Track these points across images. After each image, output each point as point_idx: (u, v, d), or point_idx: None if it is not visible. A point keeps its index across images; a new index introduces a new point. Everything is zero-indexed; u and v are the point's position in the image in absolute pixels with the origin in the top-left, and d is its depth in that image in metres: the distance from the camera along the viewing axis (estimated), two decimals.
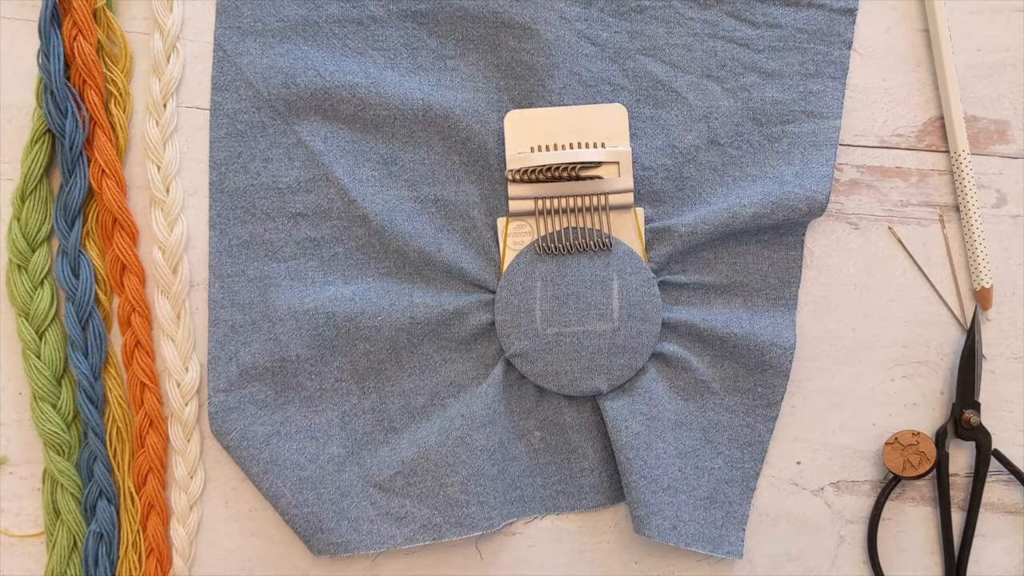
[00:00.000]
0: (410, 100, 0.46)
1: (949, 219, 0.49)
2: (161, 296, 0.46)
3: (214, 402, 0.45)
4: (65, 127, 0.45)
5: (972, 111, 0.49)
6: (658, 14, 0.48)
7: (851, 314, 0.48)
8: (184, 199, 0.47)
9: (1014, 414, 0.48)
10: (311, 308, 0.45)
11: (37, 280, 0.45)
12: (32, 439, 0.46)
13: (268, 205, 0.46)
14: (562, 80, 0.46)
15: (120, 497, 0.45)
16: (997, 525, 0.48)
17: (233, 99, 0.47)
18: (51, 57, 0.45)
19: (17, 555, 0.45)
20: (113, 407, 0.46)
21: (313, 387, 0.46)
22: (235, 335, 0.46)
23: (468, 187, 0.47)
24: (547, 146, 0.46)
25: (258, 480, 0.45)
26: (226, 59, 0.47)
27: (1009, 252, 0.49)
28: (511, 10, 0.46)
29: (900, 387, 0.48)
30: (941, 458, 0.47)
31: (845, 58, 0.48)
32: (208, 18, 0.47)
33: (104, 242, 0.46)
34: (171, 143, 0.47)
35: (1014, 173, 0.49)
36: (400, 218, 0.46)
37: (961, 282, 0.48)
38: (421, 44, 0.47)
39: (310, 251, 0.46)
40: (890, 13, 0.49)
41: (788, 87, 0.47)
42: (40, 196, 0.46)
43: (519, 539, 0.47)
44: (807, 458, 0.48)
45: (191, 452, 0.46)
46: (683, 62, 0.48)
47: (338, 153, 0.47)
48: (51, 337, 0.45)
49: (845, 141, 0.49)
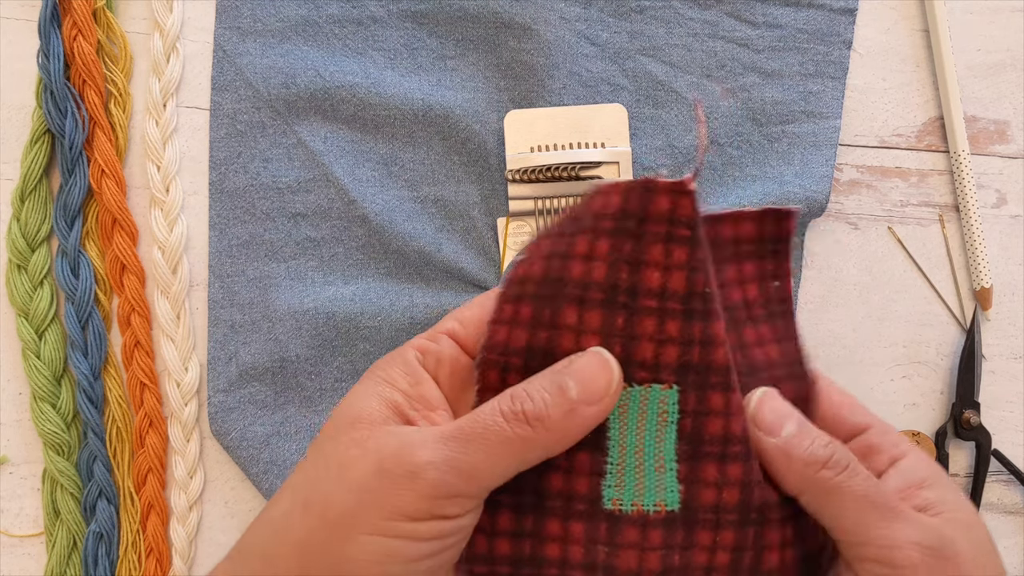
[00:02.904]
0: (410, 100, 0.46)
1: (949, 219, 0.49)
2: (161, 296, 0.46)
3: (214, 402, 0.45)
4: (65, 127, 0.45)
5: (972, 111, 0.49)
6: (658, 14, 0.48)
7: (851, 314, 0.48)
8: (184, 199, 0.47)
9: (1014, 414, 0.48)
10: (311, 308, 0.45)
11: (37, 280, 0.45)
12: (32, 439, 0.46)
13: (268, 205, 0.46)
14: (562, 80, 0.46)
15: (120, 497, 0.45)
16: (997, 525, 0.48)
17: (233, 99, 0.47)
18: (51, 57, 0.45)
19: (17, 555, 0.45)
20: (113, 407, 0.46)
21: (313, 387, 0.46)
22: (235, 335, 0.46)
23: (468, 187, 0.47)
24: (547, 146, 0.46)
25: (258, 480, 0.45)
26: (226, 59, 0.47)
27: (1009, 252, 0.49)
28: (511, 10, 0.46)
29: (900, 387, 0.48)
30: (941, 458, 0.47)
31: (845, 58, 0.48)
32: (208, 18, 0.47)
33: (104, 242, 0.46)
34: (171, 143, 0.47)
35: (1014, 173, 0.49)
36: (400, 218, 0.46)
37: (961, 282, 0.48)
38: (421, 44, 0.47)
39: (310, 251, 0.46)
40: (890, 13, 0.49)
41: (788, 87, 0.47)
42: (40, 196, 0.46)
43: None
44: None
45: (191, 452, 0.46)
46: (683, 62, 0.48)
47: (338, 153, 0.47)
48: (51, 337, 0.45)
49: (845, 141, 0.49)
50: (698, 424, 0.30)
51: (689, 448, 0.30)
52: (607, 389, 0.28)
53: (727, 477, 0.30)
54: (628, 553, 0.30)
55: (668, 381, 0.29)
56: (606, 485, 0.30)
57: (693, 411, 0.30)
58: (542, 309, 0.30)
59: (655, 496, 0.30)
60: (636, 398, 0.30)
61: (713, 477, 0.30)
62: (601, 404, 0.28)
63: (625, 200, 0.29)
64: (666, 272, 0.29)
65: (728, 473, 0.30)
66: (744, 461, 0.30)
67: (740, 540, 0.30)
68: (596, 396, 0.28)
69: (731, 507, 0.30)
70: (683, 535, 0.30)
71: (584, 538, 0.30)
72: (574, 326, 0.29)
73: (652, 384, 0.29)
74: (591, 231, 0.30)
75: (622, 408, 0.30)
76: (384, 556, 0.27)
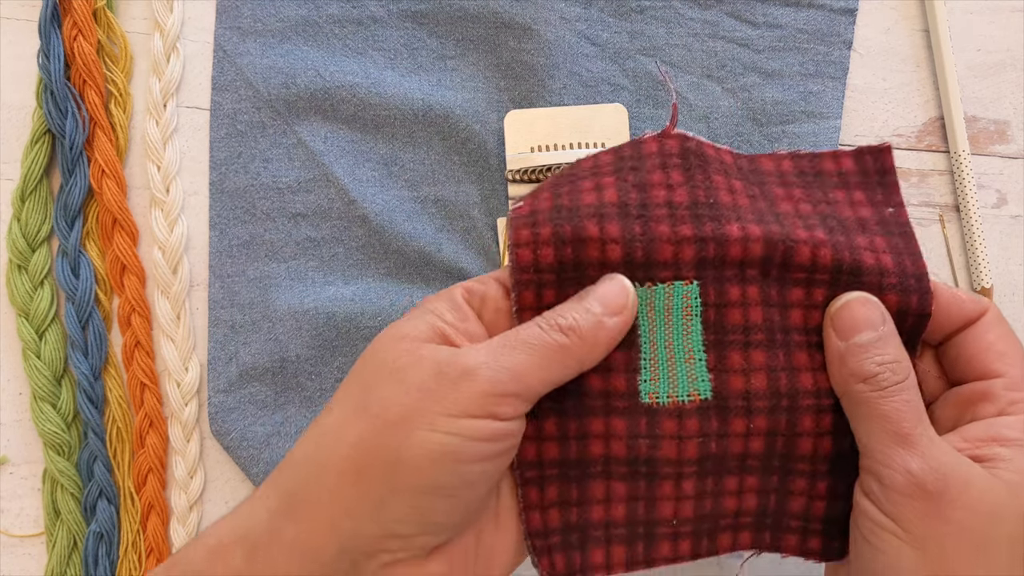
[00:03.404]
0: (410, 100, 0.46)
1: (949, 219, 0.49)
2: (161, 296, 0.46)
3: (214, 402, 0.45)
4: (65, 127, 0.45)
5: (972, 111, 0.49)
6: (658, 14, 0.48)
7: None
8: (184, 199, 0.47)
9: None
10: (311, 308, 0.45)
11: (37, 280, 0.45)
12: (32, 439, 0.46)
13: (268, 205, 0.46)
14: (562, 80, 0.46)
15: (120, 497, 0.45)
16: None
17: (233, 99, 0.47)
18: (51, 57, 0.45)
19: (17, 555, 0.46)
20: (113, 407, 0.46)
21: (313, 387, 0.46)
22: (235, 335, 0.46)
23: (468, 187, 0.47)
24: (547, 146, 0.46)
25: (258, 480, 0.45)
26: (226, 59, 0.47)
27: (1009, 252, 0.49)
28: (511, 10, 0.46)
29: None
30: None
31: (845, 58, 0.48)
32: (208, 18, 0.47)
33: (104, 242, 0.46)
34: (171, 143, 0.47)
35: (1014, 173, 0.49)
36: (400, 218, 0.46)
37: (961, 282, 0.48)
38: (421, 44, 0.47)
39: (310, 251, 0.46)
40: (890, 13, 0.49)
41: (788, 87, 0.47)
42: (40, 196, 0.46)
43: None
44: None
45: (191, 452, 0.46)
46: (683, 62, 0.48)
47: (338, 153, 0.47)
48: (51, 337, 0.45)
49: (845, 141, 0.49)
50: (720, 315, 0.32)
51: (715, 338, 0.33)
52: (625, 302, 0.32)
53: (752, 363, 0.32)
54: (668, 444, 0.32)
55: (688, 277, 0.32)
56: (642, 380, 0.33)
57: (714, 303, 0.32)
58: (562, 226, 0.32)
59: (688, 386, 0.33)
60: (661, 295, 0.32)
61: (739, 364, 0.32)
62: (622, 315, 0.31)
63: (617, 152, 0.34)
64: (669, 189, 0.33)
65: (752, 360, 0.32)
66: (767, 349, 0.32)
67: (772, 425, 0.33)
68: (616, 308, 0.31)
69: (760, 393, 0.32)
70: (717, 423, 0.32)
71: (626, 433, 0.32)
72: (597, 237, 0.32)
73: (674, 281, 0.32)
74: (592, 175, 0.34)
75: (649, 306, 0.33)
76: (440, 453, 0.29)
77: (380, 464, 0.29)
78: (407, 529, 0.30)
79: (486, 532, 0.33)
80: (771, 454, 0.33)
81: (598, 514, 0.33)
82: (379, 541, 0.30)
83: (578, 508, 0.33)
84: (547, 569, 0.33)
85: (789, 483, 0.34)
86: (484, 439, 0.30)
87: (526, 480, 0.33)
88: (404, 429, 0.29)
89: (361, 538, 0.30)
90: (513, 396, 0.30)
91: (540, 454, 0.33)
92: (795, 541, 0.35)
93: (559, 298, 0.33)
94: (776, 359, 0.33)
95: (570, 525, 0.33)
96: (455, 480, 0.30)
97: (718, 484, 0.33)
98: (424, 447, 0.29)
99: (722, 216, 0.32)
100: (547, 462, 0.33)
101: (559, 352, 0.31)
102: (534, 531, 0.33)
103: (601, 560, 0.33)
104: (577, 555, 0.33)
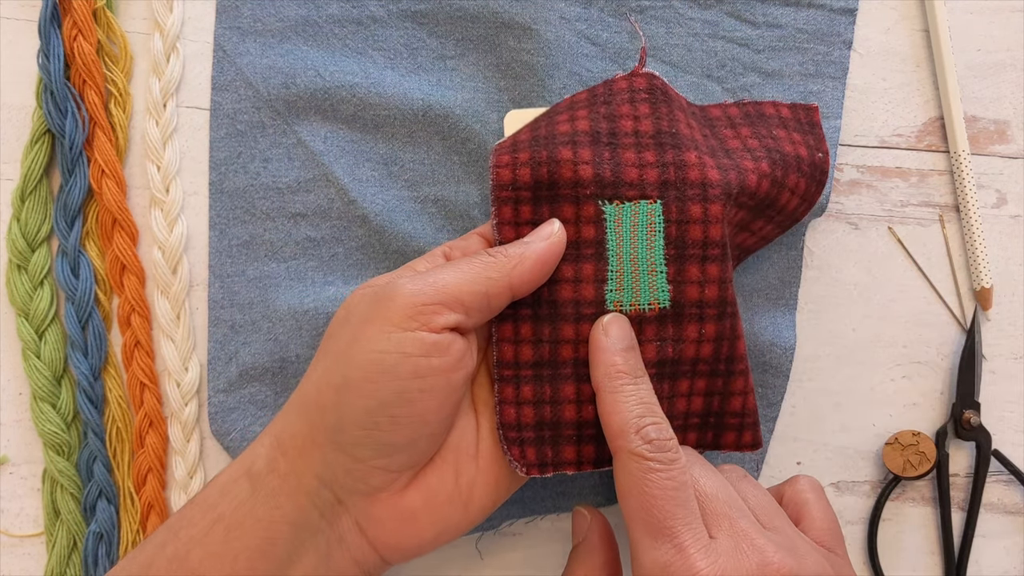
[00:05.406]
0: (410, 100, 0.46)
1: (949, 219, 0.49)
2: (161, 296, 0.46)
3: (214, 402, 0.45)
4: (65, 127, 0.45)
5: (972, 111, 0.49)
6: (658, 14, 0.48)
7: (851, 314, 0.48)
8: (184, 199, 0.47)
9: (1014, 414, 0.48)
10: (311, 308, 0.45)
11: (37, 280, 0.45)
12: (32, 439, 0.46)
13: (268, 205, 0.46)
14: (562, 80, 0.46)
15: (120, 497, 0.46)
16: (997, 525, 0.48)
17: (233, 99, 0.47)
18: (51, 57, 0.45)
19: (17, 555, 0.46)
20: (113, 407, 0.46)
21: None
22: (235, 335, 0.46)
23: (468, 187, 0.47)
24: None
25: None
26: (226, 59, 0.47)
27: (1009, 252, 0.49)
28: (511, 10, 0.46)
29: (900, 387, 0.48)
30: (941, 458, 0.47)
31: (845, 58, 0.48)
32: (208, 18, 0.47)
33: (104, 242, 0.46)
34: (171, 143, 0.47)
35: (1014, 173, 0.49)
36: (400, 218, 0.46)
37: (961, 282, 0.48)
38: (421, 44, 0.47)
39: (310, 251, 0.46)
40: (890, 13, 0.49)
41: (788, 87, 0.47)
42: (40, 196, 0.46)
43: (519, 539, 0.47)
44: (807, 458, 0.48)
45: (191, 452, 0.46)
46: (683, 62, 0.48)
47: (338, 153, 0.47)
48: (51, 337, 0.45)
49: (845, 141, 0.49)
50: (681, 231, 0.36)
51: (675, 252, 0.37)
52: (551, 230, 0.36)
53: (707, 275, 0.37)
54: None
55: (652, 196, 0.36)
56: (608, 290, 0.37)
57: (676, 220, 0.36)
58: (539, 151, 0.37)
59: (649, 296, 0.37)
60: (627, 213, 0.37)
61: (696, 276, 0.37)
62: (549, 240, 0.36)
63: (592, 91, 0.39)
64: (636, 120, 0.37)
65: (708, 272, 0.37)
66: (721, 262, 0.37)
67: (720, 330, 0.37)
68: (544, 236, 0.36)
69: (712, 302, 0.37)
70: (673, 329, 0.37)
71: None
72: (570, 159, 0.36)
73: (640, 200, 0.37)
74: (568, 110, 0.39)
75: (617, 223, 0.37)
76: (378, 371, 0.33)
77: (332, 391, 0.34)
78: (364, 452, 0.34)
79: (465, 471, 0.36)
80: (717, 358, 0.38)
81: (570, 413, 0.37)
82: (348, 471, 0.34)
83: (551, 407, 0.37)
84: (518, 458, 0.37)
85: (731, 384, 0.38)
86: (418, 353, 0.33)
87: (503, 378, 0.37)
88: (347, 354, 0.33)
89: (330, 467, 0.34)
90: (438, 304, 0.33)
91: (516, 355, 0.37)
92: (733, 437, 0.39)
93: (535, 214, 0.37)
94: (727, 271, 0.37)
95: (544, 422, 0.37)
96: (395, 397, 0.33)
97: (673, 387, 0.37)
98: (363, 367, 0.33)
99: (682, 144, 0.37)
100: (523, 363, 0.37)
101: (482, 266, 0.35)
102: (507, 423, 0.37)
103: (572, 456, 0.37)
104: (549, 449, 0.37)
